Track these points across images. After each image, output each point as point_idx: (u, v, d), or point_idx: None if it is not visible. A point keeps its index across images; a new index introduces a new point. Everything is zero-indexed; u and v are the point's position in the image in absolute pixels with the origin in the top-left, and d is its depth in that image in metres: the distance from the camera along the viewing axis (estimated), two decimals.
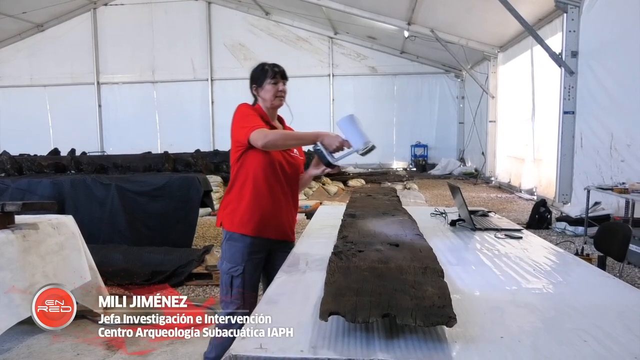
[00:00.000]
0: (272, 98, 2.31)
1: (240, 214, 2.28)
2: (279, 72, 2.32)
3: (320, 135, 2.18)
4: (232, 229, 2.29)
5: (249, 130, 2.13)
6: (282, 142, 2.21)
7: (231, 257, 2.29)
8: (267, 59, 2.24)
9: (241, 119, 2.22)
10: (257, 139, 2.11)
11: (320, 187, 10.46)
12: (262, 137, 2.09)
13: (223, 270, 2.32)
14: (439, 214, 3.55)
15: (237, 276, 2.28)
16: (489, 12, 10.42)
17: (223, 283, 2.33)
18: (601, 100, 7.25)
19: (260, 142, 2.10)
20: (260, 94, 2.34)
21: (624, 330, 1.45)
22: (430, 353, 1.28)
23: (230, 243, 2.30)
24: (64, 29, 18.38)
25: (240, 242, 2.28)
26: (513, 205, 9.51)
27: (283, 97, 2.34)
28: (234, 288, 2.28)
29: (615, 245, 3.09)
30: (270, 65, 2.33)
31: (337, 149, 2.17)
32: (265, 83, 2.30)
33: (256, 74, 2.35)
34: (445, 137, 17.88)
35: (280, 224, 2.38)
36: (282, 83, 2.33)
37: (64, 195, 5.48)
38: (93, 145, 17.73)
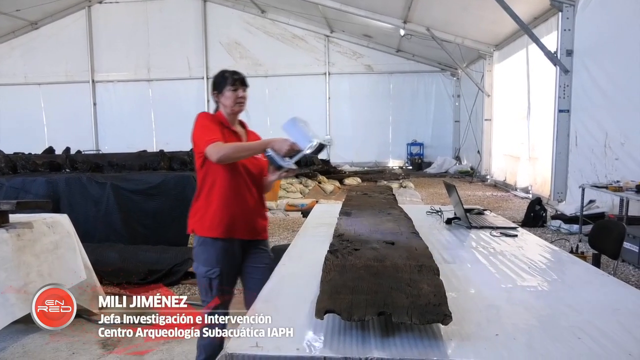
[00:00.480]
0: (232, 104, 2.37)
1: (210, 218, 2.32)
2: (238, 79, 2.37)
3: (270, 142, 2.25)
4: (203, 234, 2.34)
5: (205, 144, 2.20)
6: (235, 154, 2.25)
7: (206, 261, 2.33)
8: (263, 58, 2.26)
9: (199, 131, 2.28)
10: (211, 154, 2.19)
11: (316, 185, 10.46)
12: (216, 152, 2.17)
13: (200, 273, 2.36)
14: (435, 212, 3.57)
15: (215, 278, 2.32)
16: (484, 10, 10.44)
17: (202, 286, 2.38)
18: (596, 99, 7.28)
19: (214, 158, 2.18)
20: (220, 100, 2.40)
21: (618, 327, 1.45)
22: (426, 351, 1.29)
23: (203, 247, 2.34)
24: (59, 27, 18.27)
25: (213, 245, 2.32)
26: (508, 203, 9.55)
27: (243, 103, 2.40)
28: (213, 289, 2.33)
29: (609, 243, 3.11)
30: (230, 73, 2.39)
31: (289, 152, 2.22)
32: (225, 90, 2.36)
33: (217, 81, 2.41)
34: (441, 136, 17.91)
35: (250, 224, 2.42)
36: (242, 90, 2.38)
37: (59, 193, 5.46)
38: (88, 143, 17.64)
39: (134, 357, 3.09)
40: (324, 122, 18.15)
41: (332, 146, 18.06)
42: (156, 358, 3.07)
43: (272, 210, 8.66)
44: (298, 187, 10.13)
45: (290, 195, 9.77)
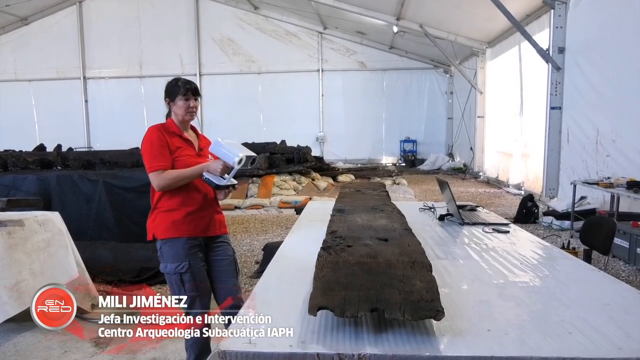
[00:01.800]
0: (184, 113, 2.43)
1: (172, 219, 2.39)
2: (190, 89, 2.43)
3: (204, 167, 2.33)
4: (167, 235, 2.40)
5: (149, 169, 2.33)
6: (175, 183, 2.35)
7: (173, 258, 2.39)
8: (256, 54, 2.27)
9: (146, 153, 2.37)
10: (153, 182, 2.33)
11: (309, 182, 10.46)
12: (157, 182, 2.32)
13: (169, 272, 2.40)
14: (428, 208, 3.58)
15: (185, 272, 2.37)
16: (477, 7, 10.47)
17: (173, 284, 2.41)
18: (587, 96, 7.33)
19: (156, 187, 2.34)
20: (172, 108, 2.47)
21: (608, 321, 1.47)
22: (419, 346, 1.29)
23: (169, 245, 2.40)
24: (49, 23, 18.09)
25: (178, 243, 2.39)
26: (501, 200, 9.60)
27: (194, 113, 2.46)
28: (185, 284, 2.37)
29: (600, 239, 3.13)
30: (183, 82, 2.45)
31: (223, 171, 2.31)
32: (177, 99, 2.43)
33: (170, 89, 2.47)
34: (434, 133, 17.96)
35: (206, 222, 2.48)
36: (194, 99, 2.44)
37: (50, 191, 5.41)
38: (80, 140, 17.51)
39: (126, 355, 3.08)
40: (318, 119, 18.14)
41: (326, 143, 18.09)
42: (149, 356, 3.06)
43: (265, 208, 8.65)
44: (291, 184, 10.12)
45: (284, 192, 9.76)
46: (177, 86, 2.44)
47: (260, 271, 4.41)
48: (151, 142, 2.38)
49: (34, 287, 3.07)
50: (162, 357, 3.05)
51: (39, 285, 3.08)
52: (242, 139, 3.15)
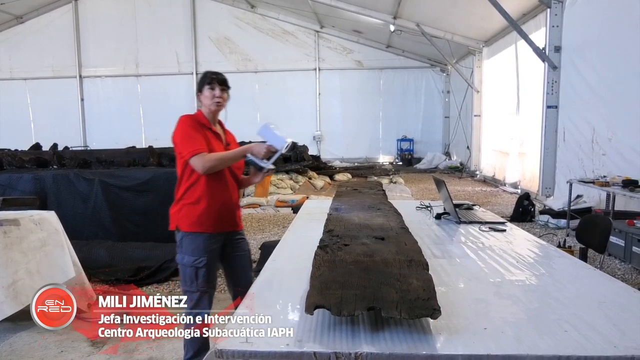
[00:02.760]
0: (209, 103, 2.46)
1: (198, 213, 2.42)
2: (216, 78, 2.47)
3: (249, 148, 2.42)
4: (191, 229, 2.44)
5: (190, 154, 2.33)
6: (220, 165, 2.40)
7: (193, 251, 2.43)
8: (253, 53, 2.30)
9: (183, 139, 2.39)
10: (196, 166, 2.33)
11: (306, 181, 10.46)
12: (201, 165, 2.32)
13: (185, 264, 2.44)
14: (425, 207, 3.58)
15: (202, 267, 2.42)
16: (474, 6, 10.48)
17: (187, 276, 2.45)
18: (583, 95, 7.35)
19: (200, 170, 2.34)
20: (201, 99, 2.51)
21: (604, 319, 1.48)
22: (415, 345, 1.30)
23: (190, 238, 2.44)
24: (45, 21, 18.01)
25: (200, 237, 2.43)
26: (497, 198, 9.62)
27: (220, 103, 2.48)
28: (199, 278, 2.43)
29: (596, 237, 3.14)
30: (211, 73, 2.50)
31: (267, 154, 2.40)
32: (204, 89, 2.47)
33: (199, 82, 2.52)
34: (431, 131, 17.98)
35: (232, 217, 2.57)
36: (220, 89, 2.46)
37: (46, 190, 5.39)
38: (76, 139, 17.45)
39: (123, 355, 3.07)
40: (315, 118, 18.14)
41: (322, 142, 18.09)
42: (146, 355, 3.05)
43: (262, 207, 8.64)
44: (288, 183, 10.11)
45: (281, 191, 9.76)
46: (205, 77, 2.48)
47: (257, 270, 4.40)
48: (186, 128, 2.41)
49: (31, 287, 3.07)
50: (159, 356, 3.04)
51: (36, 284, 3.08)
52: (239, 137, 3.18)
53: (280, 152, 2.38)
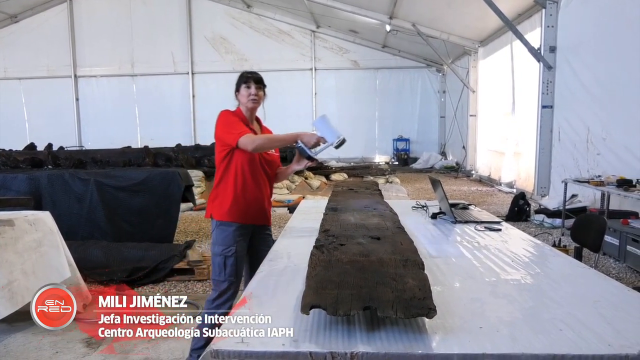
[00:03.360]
0: (246, 100, 2.58)
1: (229, 204, 2.57)
2: (251, 76, 2.59)
3: (300, 135, 2.50)
4: (222, 219, 2.58)
5: (237, 136, 2.43)
6: (269, 145, 2.54)
7: (223, 241, 2.57)
8: (249, 53, 2.34)
9: (226, 125, 2.51)
10: (246, 144, 2.42)
11: (302, 181, 10.45)
12: (251, 142, 2.42)
13: (216, 253, 2.60)
14: (420, 207, 3.59)
15: (230, 256, 2.57)
16: (469, 6, 10.51)
17: (216, 265, 2.59)
18: (578, 95, 7.38)
19: (250, 147, 2.43)
20: (238, 97, 2.63)
21: (598, 318, 1.48)
22: (411, 344, 1.30)
23: (222, 228, 2.59)
24: (39, 20, 17.91)
25: (230, 228, 2.57)
26: (493, 198, 9.66)
27: (256, 100, 2.58)
28: (227, 267, 2.57)
29: (591, 236, 3.16)
30: (246, 72, 2.64)
31: (315, 144, 2.49)
32: (241, 88, 2.59)
33: (237, 81, 2.64)
34: (426, 131, 18.02)
35: (262, 211, 2.70)
36: (255, 87, 2.57)
37: (41, 190, 5.37)
38: (71, 139, 17.36)
39: (119, 355, 3.06)
40: (311, 117, 18.11)
41: None
42: (142, 356, 3.05)
43: None
44: (284, 183, 10.11)
45: (277, 191, 9.75)
46: (241, 76, 2.61)
47: None
48: (228, 118, 2.54)
49: (26, 288, 3.05)
50: (155, 357, 3.03)
51: (31, 285, 3.07)
52: None
53: (331, 145, 2.47)
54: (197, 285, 4.45)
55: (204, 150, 10.31)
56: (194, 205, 7.34)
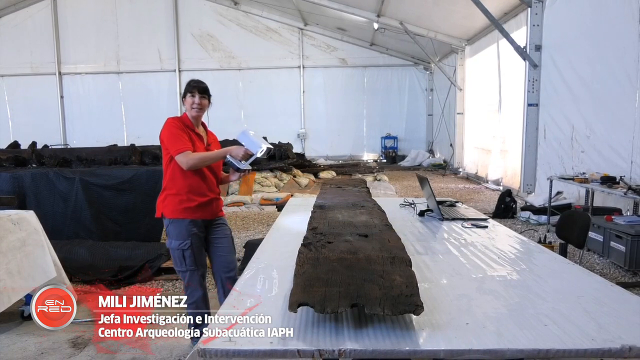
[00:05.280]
0: (189, 109, 2.76)
1: (177, 203, 2.74)
2: (196, 86, 2.75)
3: (228, 151, 2.72)
4: (173, 216, 2.76)
5: (176, 152, 2.64)
6: (201, 164, 2.70)
7: (177, 235, 2.75)
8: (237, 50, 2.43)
9: (171, 136, 2.67)
10: (181, 162, 2.64)
11: (291, 179, 10.44)
12: (185, 162, 2.63)
13: (173, 247, 2.77)
14: (408, 204, 3.61)
15: (187, 249, 2.75)
16: (456, 5, 10.57)
17: (176, 258, 2.79)
18: (562, 93, 7.47)
19: (184, 166, 2.64)
20: (184, 104, 2.80)
21: (582, 313, 1.51)
22: (398, 341, 1.31)
23: (174, 225, 2.76)
24: (22, 17, 17.60)
25: (182, 223, 2.75)
26: (480, 195, 9.74)
27: (199, 109, 2.76)
28: (186, 259, 2.76)
29: (575, 232, 3.20)
30: (192, 81, 2.80)
31: (244, 157, 2.70)
32: (187, 96, 2.77)
33: (184, 88, 2.81)
34: (414, 129, 18.11)
35: (210, 206, 2.85)
36: (199, 96, 2.75)
37: (25, 189, 5.28)
38: (55, 137, 17.12)
39: (106, 355, 3.03)
40: (299, 115, 18.11)
41: (307, 139, 18.08)
42: (129, 355, 3.02)
43: (247, 205, 8.60)
44: (273, 181, 10.09)
45: (265, 189, 9.73)
46: (188, 85, 2.77)
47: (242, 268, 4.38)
48: (172, 129, 2.69)
49: (12, 288, 3.01)
50: (142, 356, 3.01)
51: (17, 285, 3.02)
52: (223, 135, 3.24)
53: (256, 156, 2.67)
54: None
55: None
56: None
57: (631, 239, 4.42)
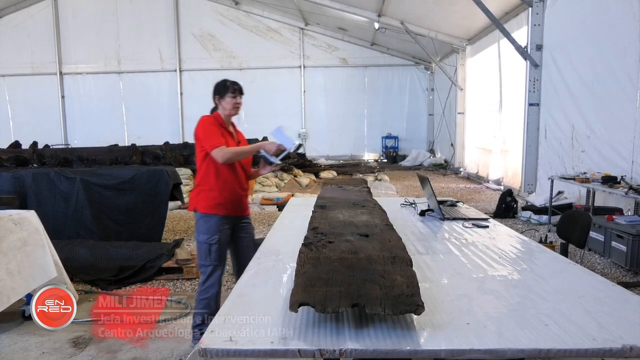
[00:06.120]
0: (231, 108, 2.91)
1: (211, 199, 2.88)
2: (237, 88, 2.93)
3: (262, 146, 2.94)
4: (205, 211, 2.89)
5: (211, 147, 2.78)
6: (236, 157, 2.88)
7: (207, 230, 2.89)
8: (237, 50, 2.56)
9: (205, 134, 2.82)
10: (217, 157, 2.78)
11: (292, 179, 10.44)
12: (220, 156, 2.77)
13: (201, 241, 2.91)
14: (409, 204, 3.61)
15: (214, 243, 2.89)
16: (456, 5, 10.56)
17: (202, 251, 2.91)
18: (563, 93, 7.46)
19: (220, 160, 2.79)
20: (221, 103, 2.93)
21: (583, 313, 1.51)
22: (399, 340, 1.30)
23: (205, 219, 2.90)
24: (23, 17, 17.62)
25: (213, 219, 2.89)
26: (481, 195, 9.73)
27: (239, 108, 2.95)
28: (212, 253, 2.89)
29: (576, 232, 3.20)
30: (231, 82, 2.94)
31: (276, 152, 2.90)
32: (227, 96, 2.90)
33: (219, 88, 2.93)
34: (415, 129, 18.10)
35: (240, 204, 3.04)
36: (240, 97, 2.93)
37: (26, 189, 5.28)
38: (56, 137, 17.13)
39: (106, 355, 3.03)
40: (300, 115, 18.10)
41: (308, 139, 18.08)
42: (130, 355, 3.02)
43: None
44: (274, 181, 10.08)
45: (266, 189, 9.73)
46: (226, 86, 2.90)
47: None
48: (207, 126, 2.84)
49: (12, 288, 3.01)
50: (143, 356, 3.01)
51: (17, 285, 3.02)
52: None
53: (289, 151, 2.90)
54: (186, 283, 4.42)
55: (192, 148, 10.21)
56: (182, 204, 7.29)
57: (632, 239, 4.42)
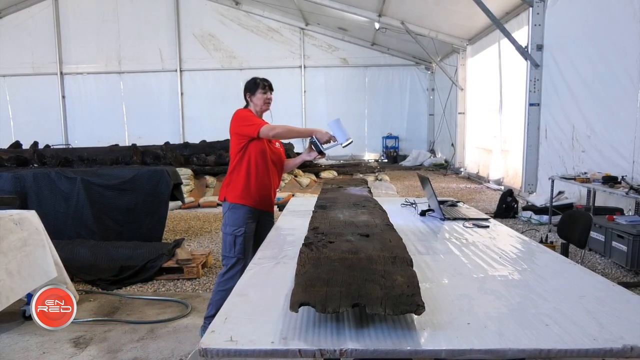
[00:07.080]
0: (262, 104, 3.01)
1: (241, 189, 2.94)
2: (267, 84, 3.03)
3: (315, 131, 3.00)
4: (234, 201, 2.94)
5: (258, 127, 2.84)
6: (287, 134, 2.99)
7: (234, 222, 2.94)
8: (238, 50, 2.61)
9: (245, 119, 2.91)
10: (267, 132, 2.84)
11: (292, 179, 10.43)
12: (271, 129, 2.85)
13: (227, 232, 2.96)
14: (410, 204, 3.61)
15: (240, 235, 2.93)
16: (457, 5, 10.56)
17: (227, 243, 2.96)
18: (564, 93, 7.46)
19: (271, 134, 2.85)
20: (252, 100, 3.02)
21: (583, 313, 1.50)
22: (400, 341, 1.30)
23: (233, 211, 2.95)
24: (24, 17, 17.63)
25: (241, 210, 2.94)
26: (481, 195, 9.73)
27: (269, 104, 3.05)
28: (237, 245, 2.93)
29: (577, 232, 3.20)
30: (261, 79, 3.03)
31: (326, 141, 2.96)
32: (257, 92, 3.00)
33: (250, 85, 3.03)
34: (415, 129, 18.10)
35: (269, 199, 3.07)
36: (270, 93, 3.04)
37: (27, 189, 5.29)
38: (57, 137, 17.15)
39: (107, 355, 3.04)
40: (300, 115, 18.11)
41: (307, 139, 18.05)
42: (130, 355, 3.02)
43: None
44: None
45: None
46: (256, 83, 3.00)
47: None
48: (246, 113, 2.95)
49: (11, 288, 3.01)
50: (144, 356, 3.01)
51: (17, 285, 3.02)
52: (224, 135, 3.30)
53: (340, 144, 2.95)
54: (186, 284, 4.42)
55: (192, 148, 10.24)
56: (182, 204, 7.29)
57: (633, 239, 4.41)
